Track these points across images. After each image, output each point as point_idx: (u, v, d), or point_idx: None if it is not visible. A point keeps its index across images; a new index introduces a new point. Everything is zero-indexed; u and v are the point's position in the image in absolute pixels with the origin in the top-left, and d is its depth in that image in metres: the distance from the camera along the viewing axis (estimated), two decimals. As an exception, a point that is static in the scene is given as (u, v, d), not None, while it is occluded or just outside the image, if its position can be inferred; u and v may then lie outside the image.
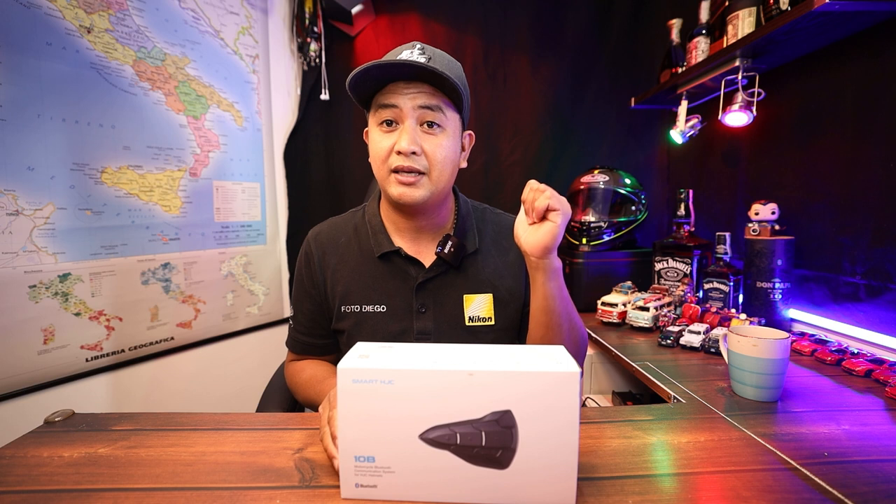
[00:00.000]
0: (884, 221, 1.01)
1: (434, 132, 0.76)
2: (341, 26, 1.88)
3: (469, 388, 0.48)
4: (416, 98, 0.74)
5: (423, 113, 0.74)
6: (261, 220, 1.80)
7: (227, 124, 1.65)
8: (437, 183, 0.77)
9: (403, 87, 0.74)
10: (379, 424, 0.49)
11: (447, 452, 0.49)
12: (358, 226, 0.90)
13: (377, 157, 0.78)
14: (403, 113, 0.74)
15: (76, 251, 1.27)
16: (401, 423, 0.49)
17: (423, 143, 0.75)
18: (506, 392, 0.48)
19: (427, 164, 0.76)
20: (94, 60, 1.28)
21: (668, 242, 1.46)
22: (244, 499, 0.50)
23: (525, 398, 0.48)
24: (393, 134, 0.76)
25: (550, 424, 0.48)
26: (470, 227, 0.88)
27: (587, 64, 1.91)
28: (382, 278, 0.84)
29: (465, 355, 0.52)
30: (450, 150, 0.77)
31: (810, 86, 1.20)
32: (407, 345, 0.55)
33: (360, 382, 0.48)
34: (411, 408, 0.49)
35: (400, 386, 0.48)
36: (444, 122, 0.76)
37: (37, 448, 0.61)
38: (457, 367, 0.49)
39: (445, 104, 0.76)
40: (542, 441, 0.48)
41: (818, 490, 0.53)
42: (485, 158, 1.96)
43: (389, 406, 0.49)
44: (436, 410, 0.49)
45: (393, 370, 0.48)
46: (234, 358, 1.72)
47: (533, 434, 0.48)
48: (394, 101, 0.74)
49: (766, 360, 0.76)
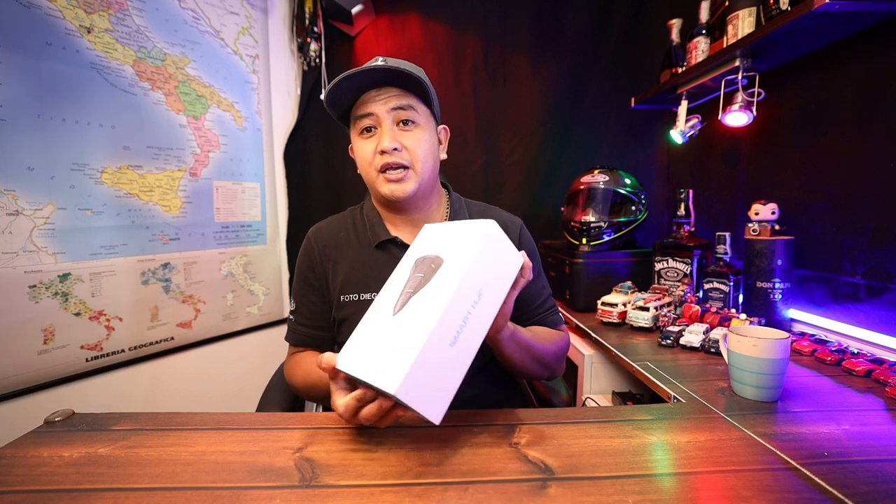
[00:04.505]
0: (884, 221, 1.01)
1: (410, 128, 0.83)
2: (341, 26, 1.88)
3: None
4: (388, 101, 0.81)
5: (397, 113, 0.82)
6: (261, 220, 1.80)
7: (227, 124, 1.65)
8: (421, 174, 0.84)
9: (374, 94, 0.81)
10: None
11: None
12: (356, 220, 0.94)
13: (363, 162, 0.85)
14: (379, 117, 0.81)
15: (76, 251, 1.27)
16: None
17: (403, 140, 0.82)
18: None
19: (409, 158, 0.82)
20: (94, 60, 1.28)
21: (668, 242, 1.46)
22: (244, 499, 0.50)
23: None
24: (374, 138, 0.83)
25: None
26: (463, 219, 0.92)
27: (587, 64, 1.91)
28: (379, 267, 0.87)
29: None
30: (428, 143, 0.84)
31: (810, 86, 1.20)
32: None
33: None
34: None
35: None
36: (418, 118, 0.83)
37: (37, 448, 0.61)
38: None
39: (416, 101, 0.83)
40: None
41: (818, 490, 0.53)
42: (485, 158, 1.96)
43: None
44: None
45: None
46: (234, 358, 1.72)
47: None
48: (369, 110, 0.81)
49: (766, 360, 0.76)
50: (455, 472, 0.55)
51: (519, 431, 0.65)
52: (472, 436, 0.64)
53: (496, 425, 0.67)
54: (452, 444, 0.61)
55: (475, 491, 0.52)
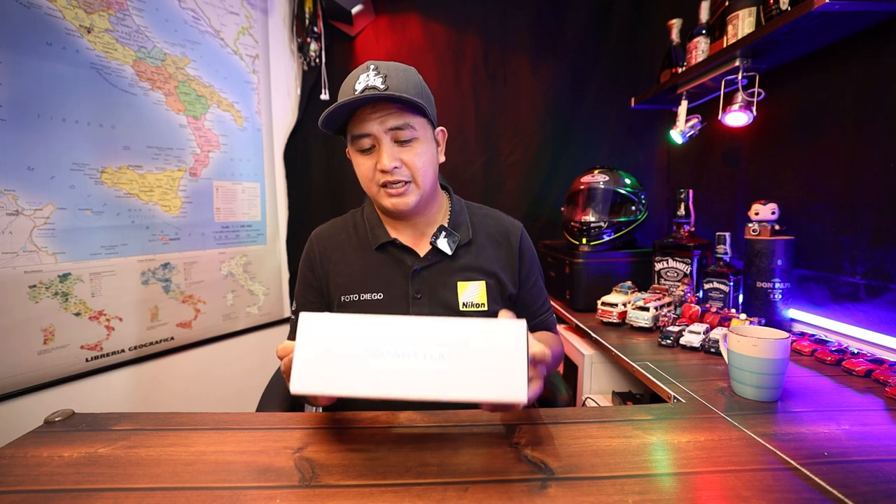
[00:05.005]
0: (884, 221, 1.01)
1: (409, 145, 0.82)
2: (341, 26, 1.88)
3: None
4: (385, 121, 0.79)
5: (394, 133, 0.80)
6: (261, 220, 1.80)
7: (227, 124, 1.65)
8: (423, 186, 0.84)
9: (370, 112, 0.79)
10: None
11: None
12: (357, 222, 0.96)
13: (364, 179, 0.85)
14: (378, 137, 0.80)
15: (76, 251, 1.27)
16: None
17: (402, 156, 0.81)
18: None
19: (410, 173, 0.82)
20: (94, 60, 1.28)
21: (668, 242, 1.46)
22: (244, 499, 0.50)
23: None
24: (373, 156, 0.82)
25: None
26: (464, 221, 0.93)
27: (587, 64, 1.91)
28: (379, 267, 0.89)
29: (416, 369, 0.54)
30: (427, 155, 0.84)
31: (810, 86, 1.20)
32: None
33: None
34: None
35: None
36: (416, 133, 0.82)
37: (37, 448, 0.61)
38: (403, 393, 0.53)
39: (413, 115, 0.81)
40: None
41: (818, 490, 0.53)
42: (485, 158, 1.96)
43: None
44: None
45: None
46: (234, 358, 1.72)
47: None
48: (366, 130, 0.80)
49: (766, 360, 0.76)
50: (455, 472, 0.55)
51: (519, 431, 0.65)
52: (472, 436, 0.64)
53: (496, 425, 0.67)
54: (452, 444, 0.61)
55: (475, 491, 0.52)
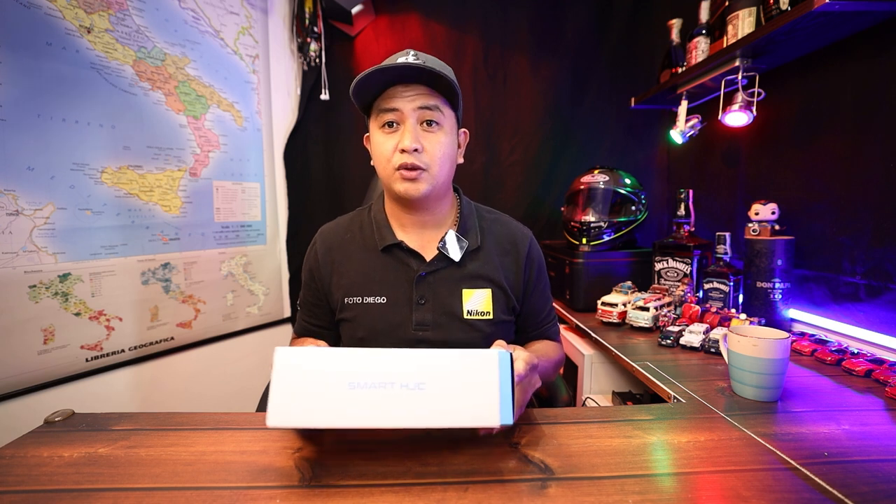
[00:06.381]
0: (884, 221, 1.01)
1: (433, 130, 0.81)
2: (341, 26, 1.88)
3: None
4: (416, 100, 0.78)
5: (422, 113, 0.79)
6: (261, 220, 1.80)
7: (227, 124, 1.65)
8: (437, 177, 0.82)
9: (402, 90, 0.78)
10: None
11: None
12: (363, 222, 0.94)
13: (382, 157, 0.82)
14: (404, 114, 0.79)
15: (76, 251, 1.27)
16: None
17: (423, 141, 0.80)
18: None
19: (428, 160, 0.80)
20: (94, 60, 1.28)
21: (668, 242, 1.46)
22: (244, 499, 0.50)
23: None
24: (395, 134, 0.80)
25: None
26: (472, 226, 0.91)
27: (587, 64, 1.91)
28: (384, 270, 0.87)
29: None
30: (448, 147, 0.82)
31: (810, 86, 1.20)
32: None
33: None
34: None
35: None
36: (442, 120, 0.81)
37: (37, 448, 0.61)
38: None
39: (442, 103, 0.81)
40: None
41: (818, 490, 0.53)
42: (485, 158, 1.96)
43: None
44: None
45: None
46: (234, 358, 1.72)
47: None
48: (395, 105, 0.79)
49: (766, 360, 0.76)
50: (455, 472, 0.55)
51: (519, 431, 0.65)
52: (472, 436, 0.64)
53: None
54: (452, 444, 0.61)
55: (475, 491, 0.52)
